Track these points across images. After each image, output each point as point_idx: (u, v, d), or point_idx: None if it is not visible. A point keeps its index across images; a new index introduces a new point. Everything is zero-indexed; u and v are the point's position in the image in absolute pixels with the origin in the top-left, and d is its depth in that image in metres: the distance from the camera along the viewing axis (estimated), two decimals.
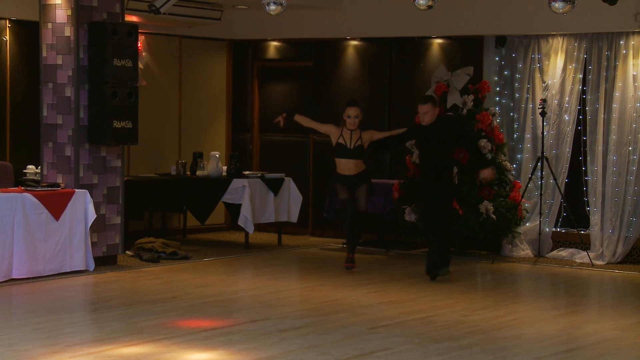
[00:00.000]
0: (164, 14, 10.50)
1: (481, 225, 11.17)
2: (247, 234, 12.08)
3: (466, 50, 12.17)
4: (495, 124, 11.55)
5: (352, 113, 10.43)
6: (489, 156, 11.22)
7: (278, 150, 13.83)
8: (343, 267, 10.36)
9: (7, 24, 11.54)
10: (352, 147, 10.47)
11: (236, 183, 11.94)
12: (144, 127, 11.22)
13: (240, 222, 11.87)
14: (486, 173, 10.17)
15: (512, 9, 11.74)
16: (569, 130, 11.61)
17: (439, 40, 12.51)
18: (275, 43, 13.83)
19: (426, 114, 9.84)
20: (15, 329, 7.44)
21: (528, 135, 11.83)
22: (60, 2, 10.15)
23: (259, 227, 12.36)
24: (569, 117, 11.60)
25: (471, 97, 11.47)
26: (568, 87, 11.59)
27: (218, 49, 14.03)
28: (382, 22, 12.67)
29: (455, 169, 10.75)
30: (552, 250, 11.69)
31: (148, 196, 12.04)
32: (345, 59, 13.26)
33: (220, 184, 12.11)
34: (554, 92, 11.64)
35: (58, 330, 7.37)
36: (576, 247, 11.51)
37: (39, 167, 10.58)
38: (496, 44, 12.01)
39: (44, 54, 10.30)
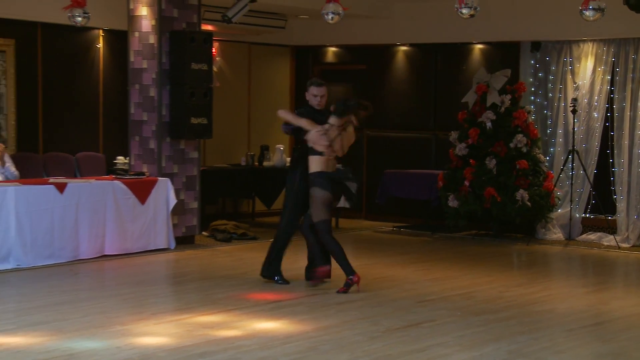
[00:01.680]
0: (235, 23, 10.57)
1: (517, 211, 11.11)
2: None
3: (504, 54, 12.10)
4: (530, 120, 11.50)
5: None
6: (524, 150, 11.20)
7: None
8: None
9: (101, 33, 11.71)
10: None
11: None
12: (217, 123, 11.31)
13: None
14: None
15: (546, 16, 11.63)
16: (598, 126, 11.48)
17: (479, 46, 12.44)
18: (333, 48, 13.86)
19: (323, 97, 8.46)
20: (107, 298, 7.58)
21: (560, 131, 11.73)
22: (146, 14, 10.27)
23: None
24: (597, 114, 11.48)
25: (508, 96, 11.41)
26: (597, 87, 11.46)
27: (282, 54, 14.09)
28: (428, 29, 12.62)
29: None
30: (581, 234, 11.59)
31: (221, 184, 12.16)
32: (395, 63, 13.24)
33: (284, 173, 12.13)
34: (584, 91, 11.53)
35: (144, 300, 7.49)
36: (604, 232, 11.40)
37: (127, 158, 10.72)
38: (532, 48, 11.92)
39: (132, 59, 10.42)
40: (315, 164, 8.14)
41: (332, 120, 8.14)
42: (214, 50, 11.29)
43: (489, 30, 11.98)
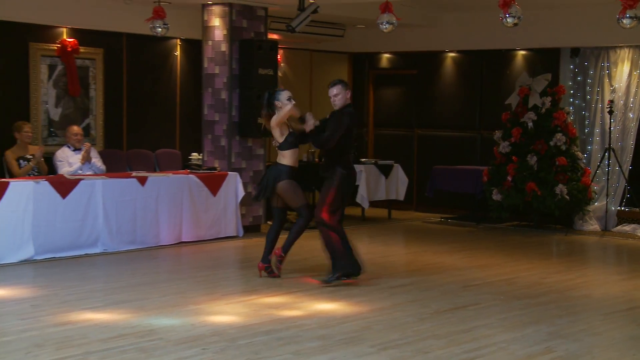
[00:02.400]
0: (299, 32, 10.59)
1: (556, 204, 10.97)
2: (363, 209, 12.13)
3: (545, 59, 11.93)
4: (569, 120, 11.35)
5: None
6: (563, 148, 11.06)
7: (389, 141, 13.82)
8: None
9: (178, 42, 11.84)
10: None
11: (355, 168, 11.95)
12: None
13: (358, 200, 11.92)
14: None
15: (585, 24, 11.45)
16: (633, 125, 11.30)
17: (522, 52, 12.29)
18: (387, 55, 13.81)
19: (335, 96, 7.64)
20: (183, 280, 7.67)
21: (597, 130, 11.55)
22: (218, 24, 10.35)
23: (373, 204, 12.38)
24: (633, 115, 11.29)
25: (549, 98, 11.26)
26: (632, 90, 11.27)
27: (341, 60, 14.08)
28: (475, 37, 12.51)
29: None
30: (616, 225, 11.40)
31: None
32: (444, 68, 13.14)
33: None
34: (620, 94, 11.35)
35: (215, 282, 7.56)
36: (638, 223, 11.21)
37: (201, 154, 10.83)
38: (571, 54, 11.75)
39: (205, 65, 10.52)
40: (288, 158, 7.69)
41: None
42: (279, 57, 11.34)
43: (531, 38, 11.83)
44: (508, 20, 8.48)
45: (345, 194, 7.75)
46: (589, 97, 11.66)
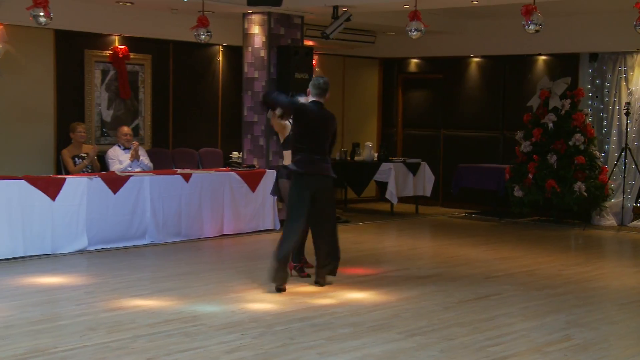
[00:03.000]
0: (332, 39, 10.59)
1: (575, 201, 10.84)
2: (392, 204, 12.09)
3: (565, 64, 11.80)
4: (587, 121, 11.22)
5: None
6: (582, 147, 10.93)
7: (416, 141, 13.76)
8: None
9: (220, 49, 11.89)
10: None
11: (384, 166, 11.96)
12: None
13: (387, 195, 11.89)
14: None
15: (603, 31, 11.31)
16: None
17: (543, 57, 12.16)
18: (415, 60, 13.74)
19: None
20: (224, 270, 7.69)
21: (614, 131, 11.41)
22: (257, 32, 10.38)
23: (401, 200, 12.33)
24: None
25: (568, 101, 11.13)
26: None
27: (371, 65, 14.04)
28: (498, 43, 12.41)
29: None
30: (632, 220, 11.24)
31: None
32: (468, 72, 13.05)
33: (372, 167, 12.15)
34: (636, 96, 11.20)
35: (254, 272, 7.54)
36: None
37: (241, 152, 10.87)
38: (590, 59, 11.60)
39: (245, 69, 10.55)
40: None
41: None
42: (314, 62, 11.34)
43: (552, 44, 11.70)
44: (530, 27, 8.39)
45: (288, 195, 6.82)
46: (606, 99, 11.51)
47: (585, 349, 5.23)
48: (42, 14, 8.08)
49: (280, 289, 6.63)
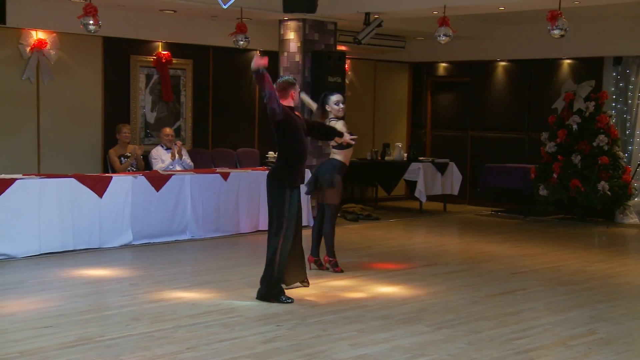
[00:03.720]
0: (364, 44, 10.56)
1: (599, 199, 10.69)
2: (421, 202, 12.02)
3: (589, 68, 11.64)
4: (611, 123, 11.06)
5: (339, 99, 7.28)
6: (606, 148, 10.77)
7: (444, 142, 13.67)
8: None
9: (258, 54, 11.87)
10: None
11: (413, 165, 11.90)
12: (348, 125, 11.28)
13: (416, 194, 11.83)
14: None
15: (627, 35, 11.15)
16: None
17: (568, 61, 12.00)
18: (443, 64, 13.65)
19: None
20: (260, 264, 7.54)
21: (638, 132, 11.27)
22: (293, 37, 10.38)
23: (430, 198, 12.27)
24: None
25: (593, 103, 10.98)
26: None
27: (402, 69, 13.98)
28: (524, 47, 12.28)
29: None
30: None
31: (351, 174, 12.16)
32: (495, 76, 12.93)
33: (401, 166, 12.10)
34: None
35: None
36: None
37: (277, 152, 10.85)
38: (614, 62, 11.43)
39: (281, 73, 10.55)
40: (341, 155, 7.18)
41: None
42: (346, 66, 11.32)
43: (577, 48, 11.54)
44: (555, 32, 8.29)
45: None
46: (630, 101, 11.34)
47: (609, 343, 5.15)
48: (91, 22, 8.21)
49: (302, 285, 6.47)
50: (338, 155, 7.33)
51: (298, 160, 6.20)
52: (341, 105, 7.21)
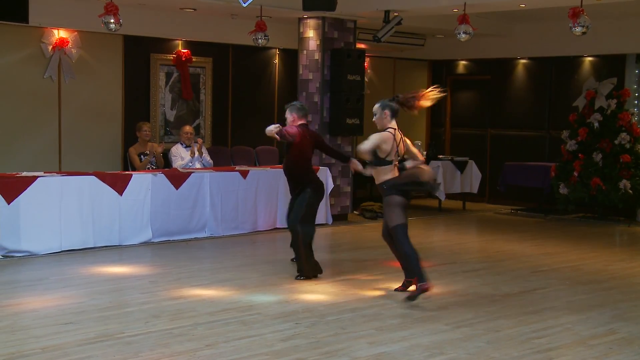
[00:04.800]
0: (384, 42, 10.53)
1: (620, 198, 10.58)
2: (440, 200, 11.97)
3: (611, 65, 11.50)
4: (633, 121, 10.92)
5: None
6: (628, 146, 10.66)
7: (464, 140, 13.60)
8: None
9: (277, 52, 11.93)
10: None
11: (433, 164, 11.83)
12: (367, 123, 11.23)
13: (436, 192, 11.77)
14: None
15: None
16: None
17: (589, 58, 11.89)
18: (463, 62, 13.57)
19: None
20: (278, 262, 7.67)
21: None
22: (312, 36, 10.37)
23: (449, 196, 12.22)
24: None
25: (614, 101, 10.86)
26: None
27: (421, 67, 13.92)
28: (544, 45, 12.17)
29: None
30: None
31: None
32: (515, 74, 12.83)
33: None
34: None
35: None
36: None
37: None
38: (636, 60, 11.31)
39: (300, 71, 10.56)
40: (387, 173, 6.84)
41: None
42: (365, 64, 11.29)
43: (598, 45, 11.43)
44: (577, 29, 8.21)
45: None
46: None
47: (630, 343, 5.10)
48: (112, 21, 8.27)
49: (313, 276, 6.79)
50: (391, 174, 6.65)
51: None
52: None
